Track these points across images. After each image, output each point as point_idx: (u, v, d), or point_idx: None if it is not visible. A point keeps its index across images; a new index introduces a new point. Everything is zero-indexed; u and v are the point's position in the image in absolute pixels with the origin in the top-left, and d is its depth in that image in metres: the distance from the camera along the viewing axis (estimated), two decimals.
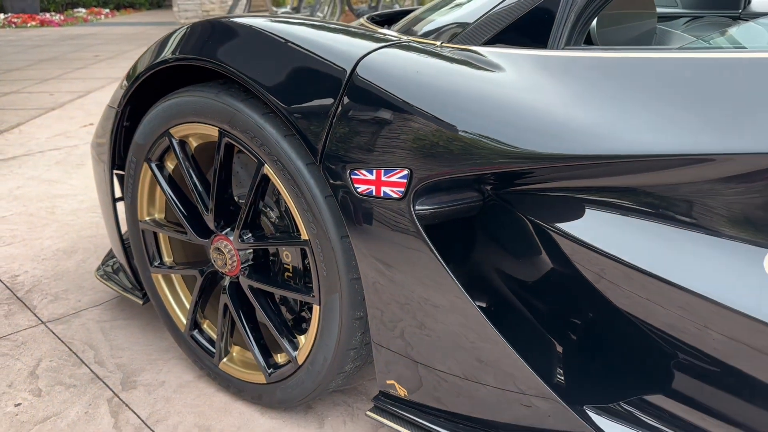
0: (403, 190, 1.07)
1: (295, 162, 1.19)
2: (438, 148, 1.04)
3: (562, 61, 1.08)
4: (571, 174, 1.02)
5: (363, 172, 1.10)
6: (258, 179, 1.28)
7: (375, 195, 1.10)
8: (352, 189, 1.12)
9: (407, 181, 1.06)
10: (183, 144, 1.42)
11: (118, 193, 1.65)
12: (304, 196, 1.19)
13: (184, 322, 1.57)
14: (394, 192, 1.08)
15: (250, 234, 1.36)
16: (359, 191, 1.11)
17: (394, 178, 1.07)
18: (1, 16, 11.24)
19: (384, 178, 1.08)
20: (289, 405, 1.42)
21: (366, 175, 1.10)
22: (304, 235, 1.23)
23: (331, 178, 1.14)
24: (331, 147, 1.13)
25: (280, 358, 1.43)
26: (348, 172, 1.12)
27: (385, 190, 1.08)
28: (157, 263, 1.59)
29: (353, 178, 1.11)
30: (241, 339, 1.48)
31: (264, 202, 1.40)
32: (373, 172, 1.09)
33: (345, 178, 1.12)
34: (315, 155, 1.15)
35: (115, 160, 1.59)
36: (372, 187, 1.10)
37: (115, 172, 1.62)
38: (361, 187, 1.11)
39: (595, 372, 1.13)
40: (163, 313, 1.62)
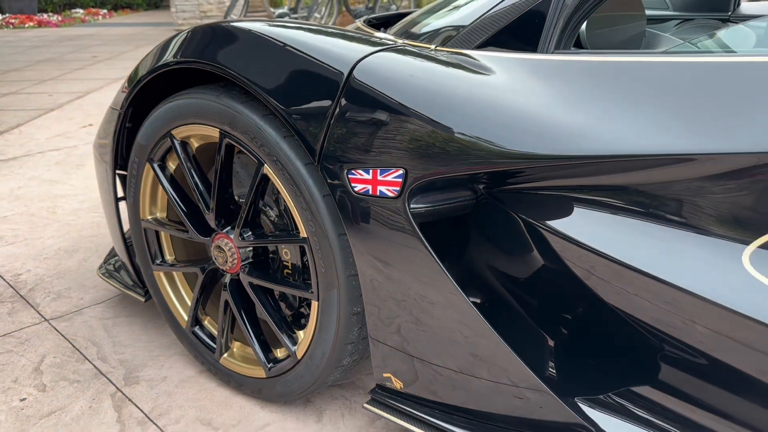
0: (398, 189, 1.11)
1: (294, 162, 1.23)
2: (432, 148, 1.07)
3: (550, 64, 1.12)
4: (559, 173, 1.06)
5: (360, 171, 1.14)
6: (258, 179, 1.31)
7: (371, 194, 1.14)
8: (350, 188, 1.15)
9: (402, 181, 1.10)
10: (185, 145, 1.45)
11: (120, 192, 1.68)
12: (302, 195, 1.23)
13: (186, 318, 1.60)
14: (389, 191, 1.12)
15: (251, 232, 1.40)
16: (356, 190, 1.15)
17: (390, 178, 1.11)
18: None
19: (380, 178, 1.12)
20: (288, 399, 1.46)
21: (363, 174, 1.14)
22: (303, 233, 1.27)
23: (329, 178, 1.18)
24: (329, 147, 1.16)
25: (280, 353, 1.47)
26: (345, 171, 1.15)
27: (381, 189, 1.12)
28: (159, 261, 1.62)
29: (350, 177, 1.15)
30: (242, 335, 1.52)
31: (264, 201, 1.44)
32: (370, 171, 1.13)
33: (342, 177, 1.16)
34: (313, 155, 1.19)
35: (118, 161, 1.62)
36: (368, 187, 1.14)
37: (117, 172, 1.65)
38: (358, 186, 1.15)
39: (585, 365, 1.16)
40: (164, 309, 1.65)
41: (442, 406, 1.24)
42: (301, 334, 1.40)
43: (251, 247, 1.43)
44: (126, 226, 1.71)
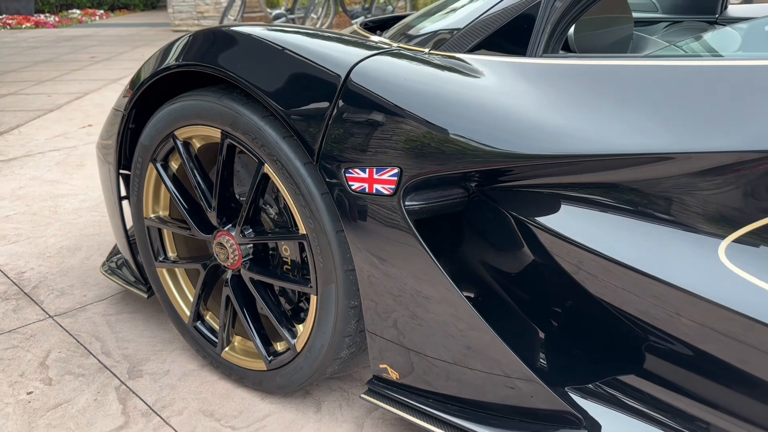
0: (393, 187, 1.15)
1: (294, 162, 1.27)
2: (426, 148, 1.12)
3: (538, 68, 1.17)
4: (547, 172, 1.11)
5: (356, 170, 1.19)
6: (258, 178, 1.36)
7: (368, 192, 1.18)
8: (347, 186, 1.20)
9: (397, 179, 1.15)
10: (187, 145, 1.50)
11: (123, 192, 1.73)
12: (302, 194, 1.28)
13: (188, 313, 1.65)
14: (385, 189, 1.16)
15: (251, 229, 1.45)
16: (353, 188, 1.20)
17: (386, 176, 1.16)
18: None
19: (376, 176, 1.17)
20: (288, 390, 1.51)
21: (359, 173, 1.19)
22: (302, 230, 1.31)
23: (327, 177, 1.23)
24: (327, 147, 1.21)
25: (280, 346, 1.51)
26: (343, 170, 1.20)
27: (377, 187, 1.17)
28: (161, 258, 1.67)
29: (347, 176, 1.20)
30: (243, 329, 1.57)
31: (264, 200, 1.48)
32: (366, 170, 1.18)
33: (340, 176, 1.21)
34: (312, 155, 1.24)
35: (121, 161, 1.67)
36: (365, 185, 1.18)
37: (120, 172, 1.69)
38: (355, 184, 1.19)
39: (574, 356, 1.21)
40: (167, 305, 1.70)
41: (436, 396, 1.29)
42: (300, 328, 1.44)
43: (252, 244, 1.48)
44: (129, 225, 1.75)
